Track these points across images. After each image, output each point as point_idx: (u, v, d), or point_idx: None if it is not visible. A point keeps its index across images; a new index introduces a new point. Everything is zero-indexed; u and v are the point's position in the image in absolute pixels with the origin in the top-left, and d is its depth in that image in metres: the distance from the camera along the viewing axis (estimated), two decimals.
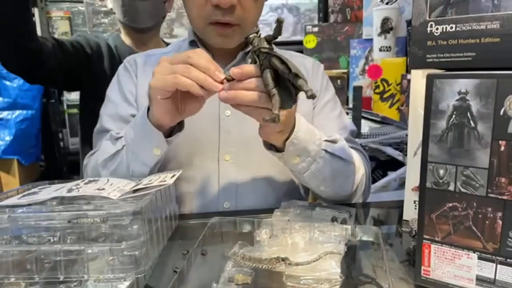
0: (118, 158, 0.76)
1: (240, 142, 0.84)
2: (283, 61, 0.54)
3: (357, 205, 0.84)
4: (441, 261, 0.50)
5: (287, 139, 0.69)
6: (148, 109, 0.71)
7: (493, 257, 0.46)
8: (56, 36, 2.44)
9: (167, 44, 1.53)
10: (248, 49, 0.88)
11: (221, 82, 0.60)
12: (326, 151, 0.76)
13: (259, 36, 0.58)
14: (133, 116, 0.88)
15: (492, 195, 0.45)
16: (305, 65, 0.96)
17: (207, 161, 0.85)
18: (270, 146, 0.72)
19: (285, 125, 0.67)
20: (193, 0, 0.78)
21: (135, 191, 0.62)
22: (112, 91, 0.93)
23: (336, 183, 0.79)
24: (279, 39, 0.59)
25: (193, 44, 0.89)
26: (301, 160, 0.73)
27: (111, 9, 1.40)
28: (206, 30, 0.82)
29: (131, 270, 0.52)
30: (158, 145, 0.72)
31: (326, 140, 0.76)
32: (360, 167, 0.84)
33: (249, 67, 0.58)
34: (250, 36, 0.58)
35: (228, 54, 0.87)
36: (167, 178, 0.65)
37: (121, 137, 0.77)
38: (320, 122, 0.88)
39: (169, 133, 0.73)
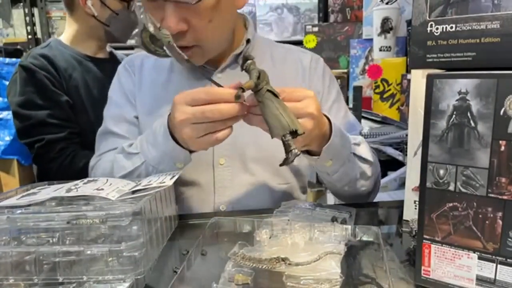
0: (137, 173, 0.76)
1: (234, 146, 0.84)
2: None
3: (357, 205, 0.84)
4: (441, 261, 0.50)
5: (320, 143, 0.70)
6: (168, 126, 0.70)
7: (493, 257, 0.46)
8: (56, 36, 2.45)
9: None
10: (239, 51, 0.86)
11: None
12: (354, 154, 0.78)
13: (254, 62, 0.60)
14: (136, 117, 0.88)
15: (492, 195, 0.45)
16: (302, 62, 0.93)
17: (202, 165, 0.84)
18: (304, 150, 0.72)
19: (310, 140, 0.67)
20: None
21: (134, 192, 0.62)
22: (114, 93, 0.92)
23: (359, 183, 0.81)
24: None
25: None
26: (333, 163, 0.74)
27: (95, 16, 1.29)
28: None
29: (130, 271, 0.52)
30: (183, 161, 0.72)
31: (353, 143, 0.78)
32: (377, 167, 0.86)
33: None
34: (248, 62, 0.60)
35: (217, 56, 0.85)
36: (166, 180, 0.65)
37: (137, 153, 0.76)
38: None
39: None
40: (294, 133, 0.56)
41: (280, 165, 0.59)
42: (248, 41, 0.88)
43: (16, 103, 1.25)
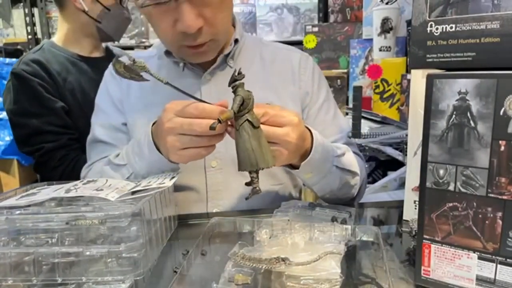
0: None
1: (226, 148, 0.83)
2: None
3: (357, 205, 0.84)
4: (441, 261, 0.50)
5: (302, 157, 0.70)
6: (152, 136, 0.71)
7: (493, 257, 0.46)
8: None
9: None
10: (228, 51, 0.85)
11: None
12: (336, 166, 0.78)
13: (242, 80, 0.59)
14: (124, 124, 0.88)
15: (492, 195, 0.45)
16: (292, 61, 0.92)
17: (194, 168, 0.83)
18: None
19: (287, 162, 0.68)
20: (160, 26, 0.74)
21: (133, 193, 0.62)
22: (101, 100, 0.91)
23: (341, 192, 0.82)
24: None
25: (168, 53, 0.86)
26: (313, 176, 0.75)
27: (85, 11, 1.25)
28: (179, 52, 0.80)
29: (129, 272, 0.52)
30: (170, 171, 0.72)
31: (336, 156, 0.78)
32: (361, 173, 0.86)
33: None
34: (236, 83, 0.59)
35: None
36: (166, 181, 0.65)
37: (124, 164, 0.76)
38: (317, 127, 0.84)
39: None
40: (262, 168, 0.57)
41: (246, 198, 0.61)
42: (236, 41, 0.86)
43: (11, 112, 1.23)
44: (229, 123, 0.61)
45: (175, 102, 0.64)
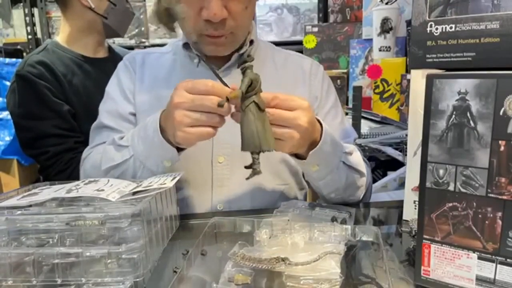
0: (124, 166, 0.76)
1: (233, 144, 0.83)
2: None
3: (357, 205, 0.84)
4: (441, 261, 0.50)
5: (310, 147, 0.70)
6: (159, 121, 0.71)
7: (493, 257, 0.46)
8: (56, 36, 2.45)
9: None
10: (243, 51, 0.87)
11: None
12: (344, 163, 0.78)
13: (252, 62, 0.61)
14: (132, 114, 0.88)
15: (492, 195, 0.45)
16: (303, 67, 0.95)
17: (201, 163, 0.84)
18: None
19: (296, 148, 0.68)
20: (185, 14, 0.77)
21: (134, 193, 0.62)
22: (111, 88, 0.93)
23: (347, 192, 0.81)
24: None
25: (186, 46, 0.88)
26: (320, 169, 0.75)
27: (92, 8, 1.26)
28: (199, 41, 0.82)
29: (129, 273, 0.52)
30: (170, 159, 0.72)
31: (344, 152, 0.78)
32: (368, 177, 0.85)
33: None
34: (245, 65, 0.60)
35: (222, 56, 0.86)
36: (167, 181, 0.65)
37: (127, 146, 0.76)
38: None
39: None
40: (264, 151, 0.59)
41: (246, 178, 0.62)
42: (251, 42, 0.89)
43: (17, 115, 1.21)
44: (233, 110, 0.62)
45: (186, 80, 0.65)
